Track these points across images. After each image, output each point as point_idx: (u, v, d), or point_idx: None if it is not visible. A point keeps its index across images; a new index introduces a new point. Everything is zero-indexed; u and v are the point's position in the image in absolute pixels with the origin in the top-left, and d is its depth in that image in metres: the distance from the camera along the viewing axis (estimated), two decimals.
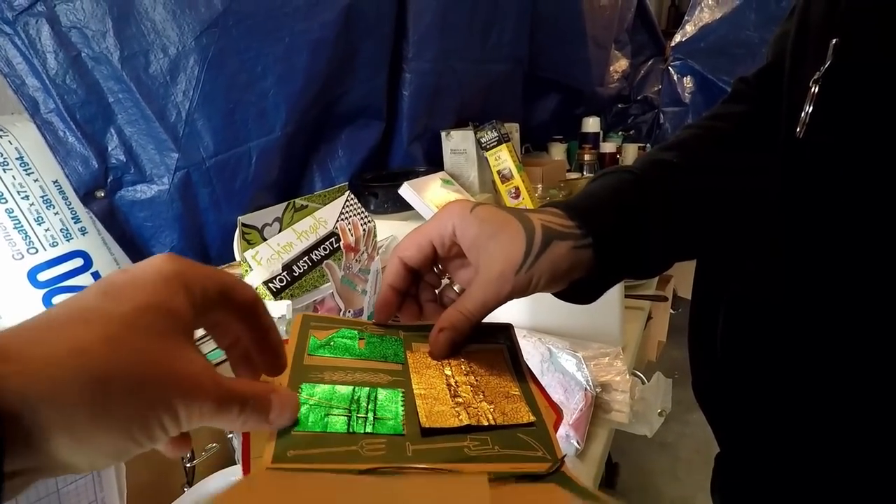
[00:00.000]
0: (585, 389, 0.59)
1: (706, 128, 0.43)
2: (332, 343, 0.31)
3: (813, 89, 0.32)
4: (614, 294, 0.74)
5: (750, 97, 0.44)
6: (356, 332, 0.33)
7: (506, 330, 0.36)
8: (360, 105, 1.16)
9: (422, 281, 0.36)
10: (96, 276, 0.88)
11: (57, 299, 0.84)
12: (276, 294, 0.57)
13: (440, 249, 0.34)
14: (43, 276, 0.83)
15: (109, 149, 0.87)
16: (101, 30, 0.80)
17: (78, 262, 0.86)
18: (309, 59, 1.00)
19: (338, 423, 0.25)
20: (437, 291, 0.37)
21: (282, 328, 0.59)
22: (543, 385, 0.33)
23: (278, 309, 0.57)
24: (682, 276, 1.70)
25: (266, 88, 0.97)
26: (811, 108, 0.32)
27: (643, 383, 0.65)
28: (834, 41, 0.31)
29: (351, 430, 0.25)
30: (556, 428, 0.29)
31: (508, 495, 0.23)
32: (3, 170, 0.80)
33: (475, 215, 0.33)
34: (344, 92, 1.11)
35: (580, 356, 0.62)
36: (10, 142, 0.82)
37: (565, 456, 0.27)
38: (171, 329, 0.20)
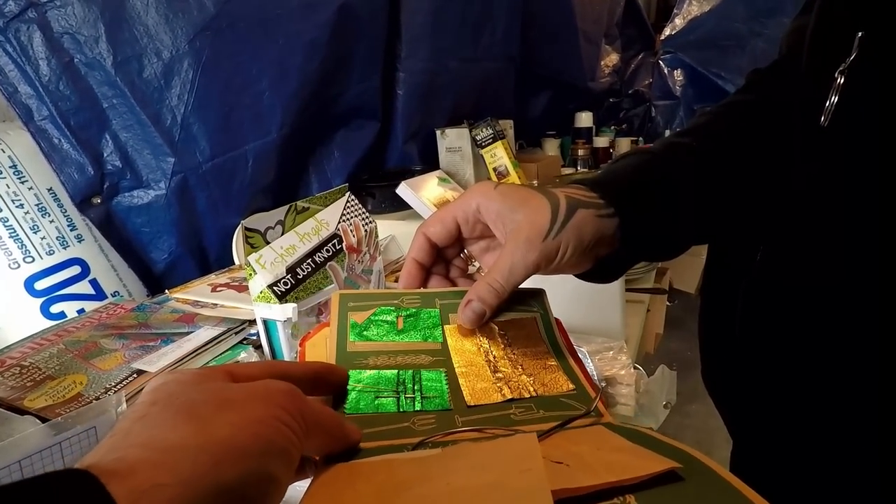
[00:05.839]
0: None
1: (720, 115, 0.43)
2: (371, 326, 0.32)
3: (839, 80, 0.32)
4: (616, 287, 0.74)
5: (763, 87, 0.44)
6: (393, 309, 0.33)
7: (538, 296, 0.36)
8: (355, 105, 1.16)
9: (450, 264, 0.37)
10: (94, 283, 0.87)
11: (55, 308, 0.83)
12: (281, 297, 0.57)
13: (464, 227, 0.34)
14: (40, 285, 0.82)
15: (105, 155, 0.87)
16: (94, 35, 0.80)
17: (75, 269, 0.86)
18: (303, 60, 1.00)
19: (388, 404, 0.26)
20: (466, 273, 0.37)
21: (288, 331, 0.58)
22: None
23: (284, 312, 0.57)
24: (679, 269, 1.72)
25: (261, 91, 0.96)
26: (837, 98, 0.32)
27: (645, 375, 0.65)
28: (860, 34, 0.31)
29: (401, 410, 0.26)
30: (603, 403, 0.29)
31: (558, 443, 0.24)
32: None
33: (498, 191, 0.33)
34: (339, 93, 1.11)
35: (585, 351, 0.62)
36: (2, 150, 0.81)
37: (599, 395, 0.28)
38: None
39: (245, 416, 0.19)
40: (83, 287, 0.86)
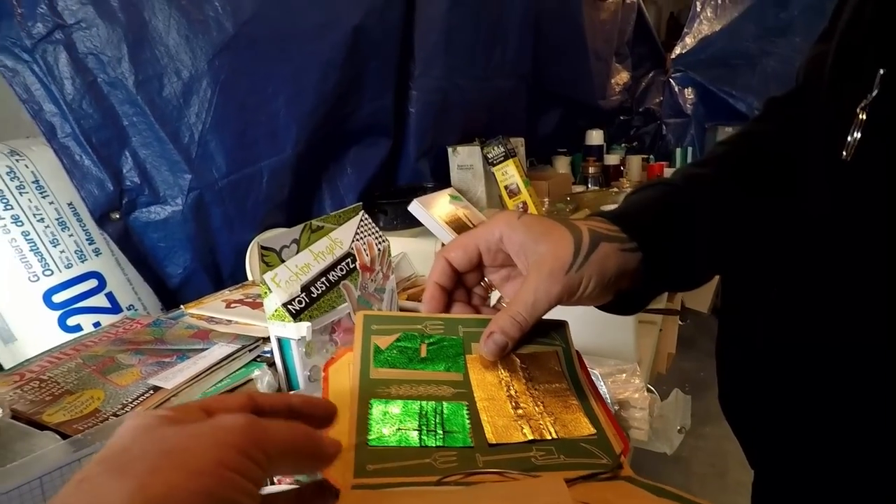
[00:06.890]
0: None
1: (738, 145, 0.43)
2: (394, 352, 0.32)
3: (861, 116, 0.32)
4: None
5: (781, 117, 0.45)
6: (417, 335, 0.33)
7: (560, 328, 0.36)
8: (368, 123, 1.17)
9: (471, 292, 0.37)
10: (110, 296, 0.88)
11: (72, 320, 0.84)
12: (296, 316, 0.57)
13: (486, 255, 0.35)
14: (58, 298, 0.84)
15: (124, 171, 0.88)
16: (117, 55, 0.82)
17: (92, 283, 0.87)
18: (318, 79, 1.01)
19: (410, 437, 0.27)
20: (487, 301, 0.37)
21: (301, 349, 0.59)
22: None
23: (298, 331, 0.57)
24: None
25: (276, 109, 0.98)
26: (859, 134, 0.32)
27: (658, 398, 0.65)
28: (882, 71, 0.31)
29: (423, 444, 0.26)
30: (625, 454, 0.29)
31: (583, 490, 0.24)
32: (20, 193, 0.81)
33: (522, 222, 0.33)
34: (352, 111, 1.13)
35: (597, 373, 0.62)
36: (26, 165, 0.83)
37: (622, 453, 0.28)
38: None
39: (185, 469, 0.18)
40: (99, 300, 0.87)
